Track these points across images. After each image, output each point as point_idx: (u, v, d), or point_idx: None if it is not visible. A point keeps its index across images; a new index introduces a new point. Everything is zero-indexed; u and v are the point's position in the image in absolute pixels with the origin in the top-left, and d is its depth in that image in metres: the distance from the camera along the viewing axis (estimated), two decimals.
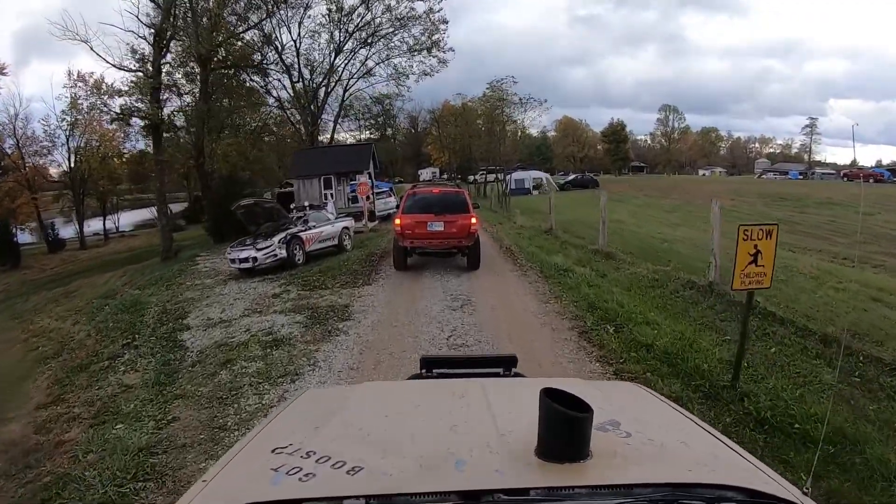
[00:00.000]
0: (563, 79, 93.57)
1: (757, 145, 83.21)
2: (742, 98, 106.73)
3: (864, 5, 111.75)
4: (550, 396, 0.86)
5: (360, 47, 25.94)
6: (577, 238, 14.57)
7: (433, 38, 25.88)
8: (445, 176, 52.52)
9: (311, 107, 25.68)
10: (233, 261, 11.65)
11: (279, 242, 11.45)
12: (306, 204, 14.08)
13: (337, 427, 1.12)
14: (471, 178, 43.77)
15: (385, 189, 24.15)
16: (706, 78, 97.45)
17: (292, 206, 18.12)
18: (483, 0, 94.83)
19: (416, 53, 26.29)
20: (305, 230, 12.16)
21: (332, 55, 25.78)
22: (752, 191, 29.56)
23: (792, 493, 0.88)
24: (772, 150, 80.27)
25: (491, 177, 38.56)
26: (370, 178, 20.33)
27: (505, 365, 1.75)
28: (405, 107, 53.74)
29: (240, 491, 0.88)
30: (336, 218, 13.76)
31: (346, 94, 27.54)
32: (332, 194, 19.31)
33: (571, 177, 41.27)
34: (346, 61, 26.22)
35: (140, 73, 18.54)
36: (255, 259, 11.30)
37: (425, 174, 55.17)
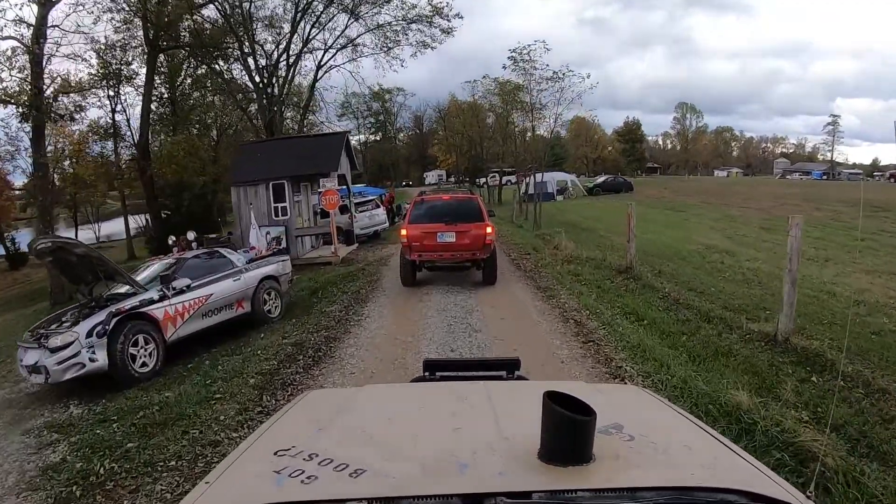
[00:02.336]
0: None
1: (769, 145, 79.46)
2: (750, 98, 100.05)
3: (872, 4, 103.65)
4: (553, 399, 0.81)
5: (329, 4, 18.81)
6: (683, 285, 7.95)
7: (433, 2, 19.00)
8: (453, 179, 46.61)
9: (270, 88, 18.72)
10: (21, 365, 5.29)
11: (91, 334, 5.00)
12: (191, 237, 7.49)
13: (339, 429, 1.06)
14: (480, 181, 37.17)
15: (371, 197, 17.18)
16: (714, 79, 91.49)
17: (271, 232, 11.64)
18: (489, 7, 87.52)
19: (412, 23, 19.38)
20: (161, 300, 5.67)
21: (295, 13, 18.65)
22: (828, 196, 22.67)
23: (795, 497, 0.80)
24: (784, 150, 75.99)
25: (504, 179, 32.09)
26: (345, 182, 13.66)
27: (508, 368, 1.56)
28: (408, 103, 47.44)
29: (243, 493, 0.84)
30: (253, 262, 7.20)
31: (321, 71, 20.27)
32: (278, 209, 12.07)
33: (601, 179, 33.56)
34: (313, 22, 18.99)
35: (15, 41, 12.17)
36: (45, 370, 4.92)
37: (431, 177, 49.41)
